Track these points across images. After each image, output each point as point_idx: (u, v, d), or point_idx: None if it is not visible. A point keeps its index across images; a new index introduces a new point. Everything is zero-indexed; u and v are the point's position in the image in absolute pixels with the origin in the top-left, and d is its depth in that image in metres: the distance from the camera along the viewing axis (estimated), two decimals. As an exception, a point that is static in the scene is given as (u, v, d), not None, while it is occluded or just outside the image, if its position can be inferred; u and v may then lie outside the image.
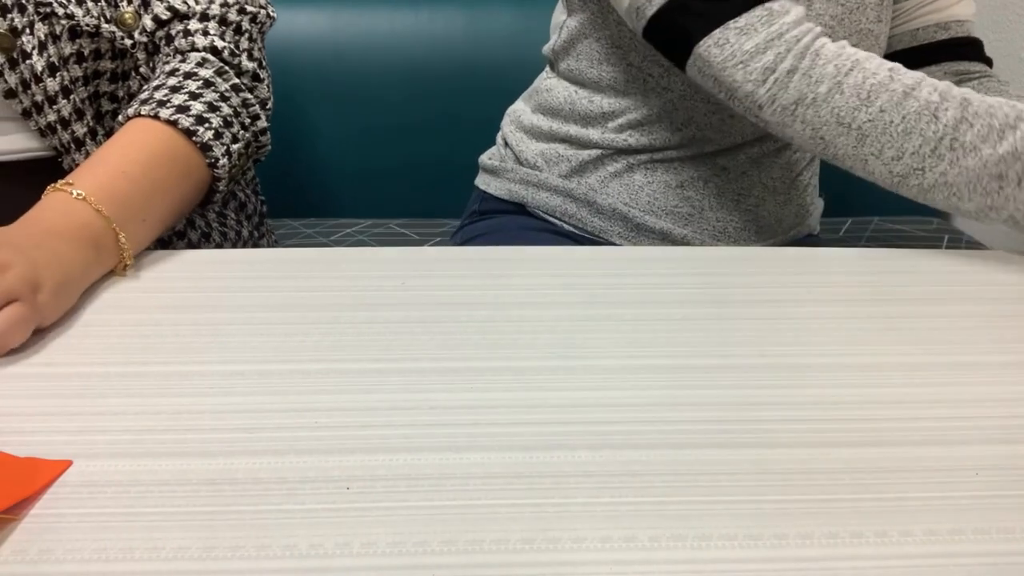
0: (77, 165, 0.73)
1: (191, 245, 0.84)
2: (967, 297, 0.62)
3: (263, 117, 0.81)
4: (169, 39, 0.77)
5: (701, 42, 0.73)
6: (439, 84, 1.29)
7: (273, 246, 1.01)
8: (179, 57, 0.77)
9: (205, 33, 0.77)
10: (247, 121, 0.78)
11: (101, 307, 0.59)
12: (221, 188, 0.76)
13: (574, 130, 0.89)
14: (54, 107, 0.72)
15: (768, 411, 0.49)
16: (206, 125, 0.72)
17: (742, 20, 0.71)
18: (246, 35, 0.81)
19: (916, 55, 0.89)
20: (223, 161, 0.73)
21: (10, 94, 0.70)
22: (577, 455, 0.45)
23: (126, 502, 0.41)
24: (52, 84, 0.71)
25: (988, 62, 0.90)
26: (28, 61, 0.70)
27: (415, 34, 1.29)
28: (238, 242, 0.91)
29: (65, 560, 0.38)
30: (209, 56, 0.77)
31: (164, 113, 0.70)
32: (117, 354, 0.53)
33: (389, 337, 0.55)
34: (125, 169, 0.66)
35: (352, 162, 1.33)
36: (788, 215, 0.91)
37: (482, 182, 1.01)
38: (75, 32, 0.71)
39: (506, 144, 0.99)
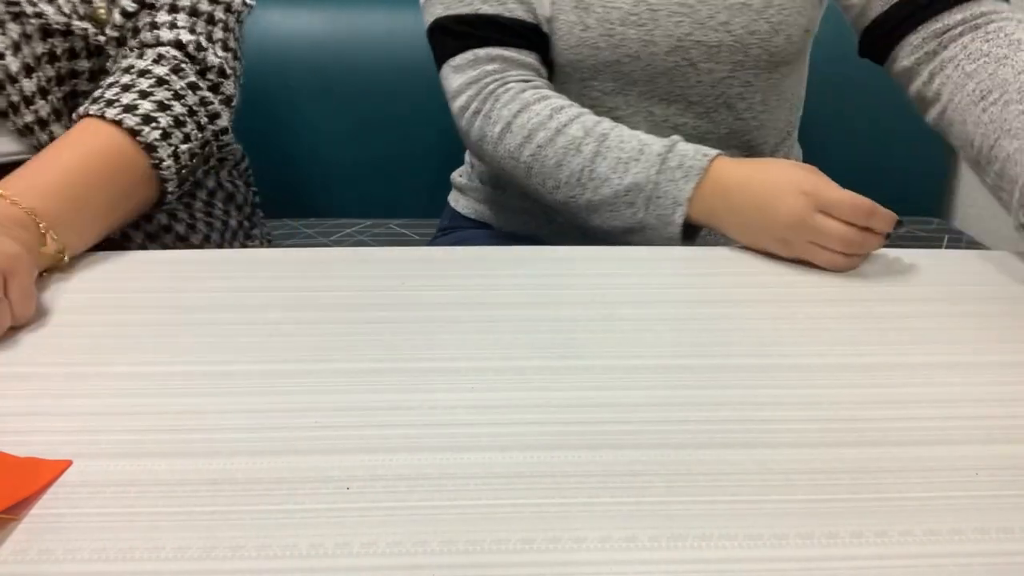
0: None
1: (178, 238, 0.84)
2: (967, 297, 0.62)
3: (224, 116, 0.79)
4: (136, 32, 0.76)
5: (439, 72, 0.83)
6: (439, 85, 1.29)
7: (266, 238, 1.01)
8: (136, 52, 0.76)
9: (172, 26, 0.76)
10: (204, 120, 0.76)
11: (101, 307, 0.59)
12: (171, 188, 0.74)
13: None
14: (31, 108, 0.71)
15: (768, 411, 0.49)
16: (152, 125, 0.71)
17: (456, 60, 0.81)
18: (219, 25, 0.79)
19: (891, 26, 0.77)
20: (168, 162, 0.72)
21: None
22: (577, 455, 0.45)
23: (126, 502, 0.41)
24: (28, 85, 0.71)
25: None
26: (2, 62, 0.69)
27: (415, 34, 1.29)
28: (226, 232, 0.90)
29: (65, 560, 0.38)
30: (169, 51, 0.76)
31: (110, 112, 0.70)
32: (117, 354, 0.53)
33: (389, 337, 0.55)
34: (68, 167, 0.66)
35: (352, 162, 1.33)
36: None
37: (452, 198, 1.02)
38: (46, 31, 0.71)
39: (471, 163, 1.00)
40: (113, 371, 0.51)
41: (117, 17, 0.74)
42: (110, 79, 0.74)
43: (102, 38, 0.73)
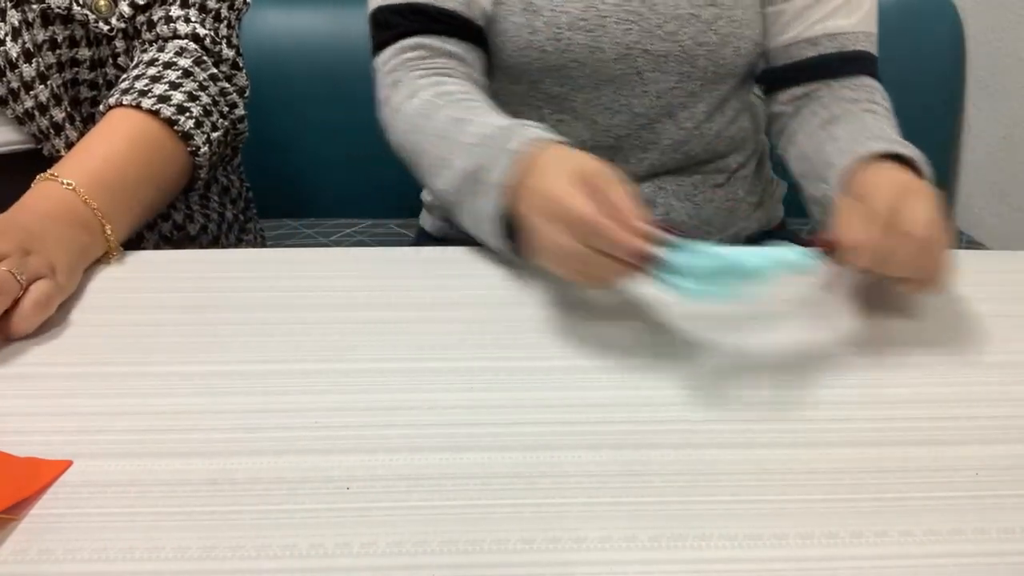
0: (57, 151, 0.74)
1: (176, 227, 0.85)
2: (967, 297, 0.62)
3: (240, 105, 0.82)
4: (151, 25, 0.77)
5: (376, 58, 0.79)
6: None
7: (260, 232, 1.01)
8: (157, 45, 0.78)
9: (187, 20, 0.78)
10: (225, 110, 0.79)
11: (101, 307, 0.59)
12: (202, 175, 0.77)
13: None
14: (31, 93, 0.72)
15: (768, 411, 0.49)
16: (187, 114, 0.73)
17: (385, 52, 0.78)
18: (224, 22, 0.81)
19: (786, 74, 0.83)
20: (204, 149, 0.74)
21: None
22: (577, 455, 0.45)
23: (126, 502, 0.41)
24: (28, 70, 0.71)
25: (866, 73, 0.82)
26: (2, 48, 0.69)
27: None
28: (222, 224, 0.91)
29: (65, 560, 0.38)
30: (189, 44, 0.78)
31: (146, 103, 0.71)
32: (117, 354, 0.53)
33: (389, 337, 0.55)
34: (110, 158, 0.68)
35: (352, 162, 1.32)
36: (719, 215, 0.87)
37: (421, 218, 1.01)
38: (47, 17, 0.71)
39: None
40: (113, 371, 0.51)
41: (125, 9, 0.75)
42: (135, 71, 0.75)
43: (105, 27, 0.74)
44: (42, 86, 0.72)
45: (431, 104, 0.71)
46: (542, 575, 0.37)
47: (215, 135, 0.76)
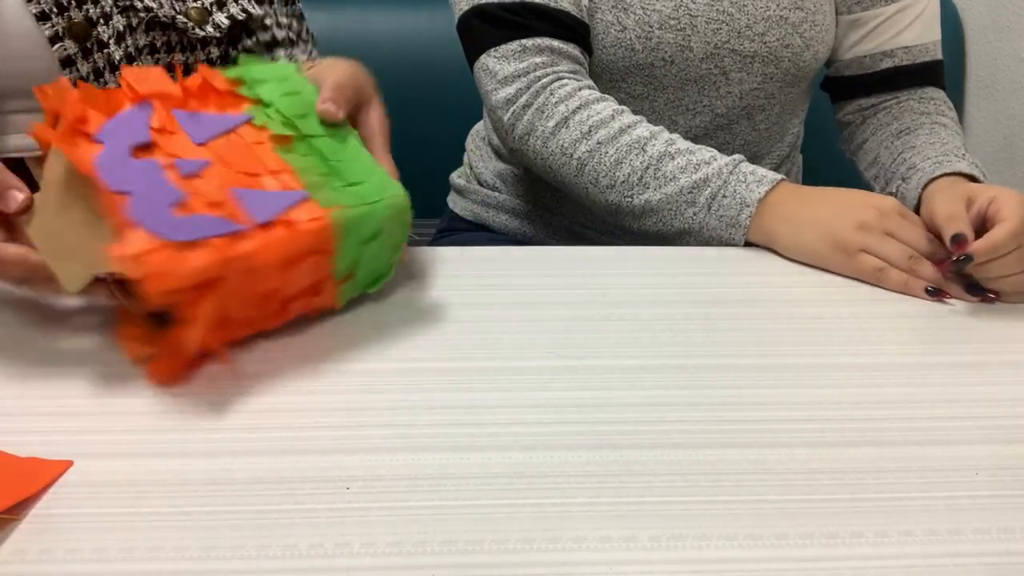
0: None
1: None
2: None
3: None
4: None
5: (475, 63, 0.79)
6: (439, 85, 1.29)
7: None
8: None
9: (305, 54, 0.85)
10: None
11: (101, 306, 0.59)
12: None
13: None
14: None
15: (768, 411, 0.49)
16: None
17: (500, 49, 0.77)
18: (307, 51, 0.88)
19: (855, 84, 0.88)
20: None
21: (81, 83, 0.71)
22: (577, 455, 0.45)
23: (126, 502, 0.41)
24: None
25: (932, 83, 0.88)
26: (106, 51, 0.71)
27: (415, 35, 1.29)
28: None
29: (65, 560, 0.38)
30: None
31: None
32: (118, 354, 0.53)
33: (388, 337, 0.55)
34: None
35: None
36: None
37: (450, 200, 1.02)
38: (150, 24, 0.74)
39: (470, 165, 0.99)
40: (113, 371, 0.51)
41: (223, 20, 0.78)
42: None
43: (200, 33, 0.76)
44: None
45: (615, 119, 0.73)
46: (542, 575, 0.37)
47: None
